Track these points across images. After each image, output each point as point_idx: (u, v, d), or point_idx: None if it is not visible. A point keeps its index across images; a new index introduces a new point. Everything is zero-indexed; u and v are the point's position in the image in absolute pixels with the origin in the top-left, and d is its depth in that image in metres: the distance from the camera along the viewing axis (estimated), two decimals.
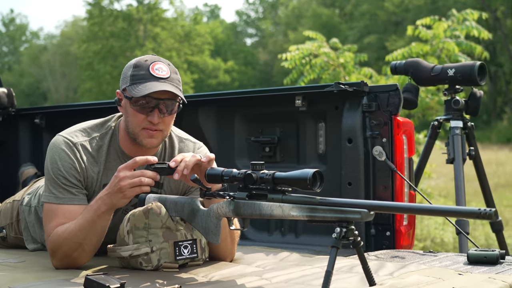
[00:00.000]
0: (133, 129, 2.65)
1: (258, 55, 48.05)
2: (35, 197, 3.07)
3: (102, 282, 2.19)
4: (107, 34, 36.17)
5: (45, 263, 2.71)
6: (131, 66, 2.63)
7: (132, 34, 36.80)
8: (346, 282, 2.30)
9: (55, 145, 2.69)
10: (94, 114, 4.08)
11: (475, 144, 3.96)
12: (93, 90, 36.18)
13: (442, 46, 6.97)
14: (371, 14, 39.34)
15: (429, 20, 7.05)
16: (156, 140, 2.66)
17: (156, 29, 37.09)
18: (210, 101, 3.83)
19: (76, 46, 40.63)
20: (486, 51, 7.02)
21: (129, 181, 2.44)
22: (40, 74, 48.29)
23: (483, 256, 2.70)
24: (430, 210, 2.02)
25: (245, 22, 56.79)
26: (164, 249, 2.55)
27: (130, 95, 2.59)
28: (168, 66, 2.64)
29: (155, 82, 2.57)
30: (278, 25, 50.71)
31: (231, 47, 49.28)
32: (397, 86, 3.21)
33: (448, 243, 8.16)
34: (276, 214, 2.29)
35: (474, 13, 7.11)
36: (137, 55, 34.58)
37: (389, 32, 37.20)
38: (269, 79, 44.36)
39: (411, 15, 35.00)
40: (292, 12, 47.33)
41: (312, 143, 3.53)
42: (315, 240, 3.43)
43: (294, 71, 7.55)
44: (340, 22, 41.60)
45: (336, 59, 7.57)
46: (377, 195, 3.26)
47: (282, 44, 43.91)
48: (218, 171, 2.43)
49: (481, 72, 3.76)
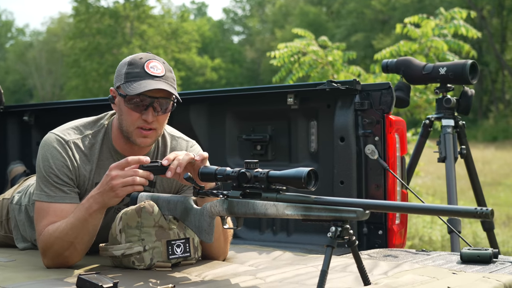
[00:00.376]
0: (127, 127, 2.62)
1: (245, 53, 48.03)
2: (25, 196, 3.03)
3: (95, 282, 2.17)
4: (93, 31, 36.03)
5: (36, 262, 2.68)
6: (126, 64, 2.61)
7: (118, 31, 36.68)
8: (341, 282, 2.29)
9: (47, 142, 2.66)
10: (83, 111, 4.06)
11: (467, 143, 3.96)
12: (80, 88, 36.05)
13: (431, 45, 6.98)
14: (358, 13, 39.42)
15: (417, 19, 7.05)
16: (150, 140, 2.64)
17: (143, 26, 37.00)
18: (201, 99, 3.80)
19: (62, 43, 40.47)
20: (473, 50, 7.04)
21: (121, 180, 2.42)
22: (26, 71, 48.03)
23: (476, 255, 2.70)
24: (427, 209, 2.01)
25: (232, 20, 56.75)
26: (157, 248, 2.53)
27: (124, 93, 2.57)
28: (163, 65, 2.62)
29: (150, 80, 2.55)
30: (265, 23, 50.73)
31: (218, 45, 49.23)
32: (389, 85, 3.20)
33: (436, 241, 8.17)
34: (271, 213, 2.27)
35: (462, 11, 7.13)
36: (124, 53, 34.75)
37: (376, 30, 37.30)
38: (256, 77, 44.37)
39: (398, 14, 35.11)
40: (279, 10, 47.35)
41: (304, 142, 3.52)
42: (307, 239, 3.41)
43: (282, 69, 7.54)
44: (327, 20, 41.67)
45: (325, 57, 7.57)
46: (369, 194, 3.25)
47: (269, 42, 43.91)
48: (211, 170, 2.41)
49: (473, 70, 3.75)
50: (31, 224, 2.98)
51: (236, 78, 44.49)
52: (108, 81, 35.22)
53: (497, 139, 26.57)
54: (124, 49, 35.45)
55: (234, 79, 44.13)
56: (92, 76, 35.46)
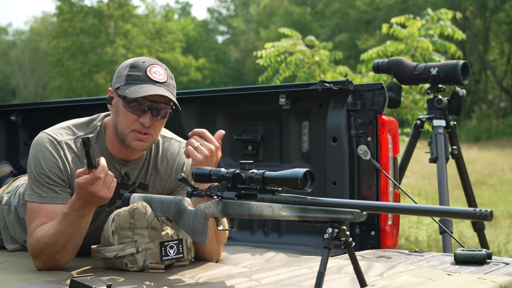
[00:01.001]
0: (122, 130, 2.58)
1: (229, 53, 48.01)
2: (14, 196, 2.99)
3: (88, 284, 2.14)
4: (77, 30, 35.89)
5: (26, 264, 2.65)
6: (128, 66, 2.57)
7: (102, 31, 36.56)
8: (337, 284, 2.27)
9: (39, 142, 2.63)
10: (71, 111, 4.03)
11: (458, 143, 3.96)
12: (63, 87, 35.91)
13: (417, 45, 6.99)
14: (342, 13, 39.52)
15: (403, 19, 7.07)
16: (145, 144, 2.61)
17: (127, 26, 36.90)
18: (192, 99, 3.77)
19: (46, 42, 40.23)
20: (459, 50, 7.06)
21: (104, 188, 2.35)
22: (9, 70, 47.72)
23: (470, 256, 2.69)
24: (425, 211, 1.99)
25: (217, 20, 56.66)
26: (150, 249, 2.50)
27: (124, 94, 2.53)
28: (165, 71, 2.59)
29: (152, 85, 2.52)
30: (250, 22, 50.73)
31: (202, 45, 49.16)
32: (382, 85, 3.19)
33: (422, 242, 8.19)
34: (266, 214, 2.25)
35: (448, 12, 7.15)
36: (108, 52, 34.61)
37: (360, 30, 37.42)
38: (240, 76, 44.36)
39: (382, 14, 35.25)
40: (263, 10, 47.38)
41: (296, 142, 3.50)
42: (299, 240, 3.40)
43: (269, 69, 7.52)
44: (312, 20, 41.73)
45: (311, 57, 7.56)
46: (361, 195, 3.24)
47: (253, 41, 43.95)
48: (205, 171, 2.38)
49: (464, 71, 3.76)
50: (20, 225, 2.94)
51: (221, 78, 44.44)
52: (92, 81, 35.09)
53: (480, 139, 26.71)
54: (108, 48, 35.34)
55: (218, 79, 44.08)
56: (75, 75, 35.32)
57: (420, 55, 7.07)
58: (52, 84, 37.93)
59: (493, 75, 33.91)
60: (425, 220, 8.93)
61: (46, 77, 42.95)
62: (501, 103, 35.69)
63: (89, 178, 2.33)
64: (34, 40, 48.25)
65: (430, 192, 11.77)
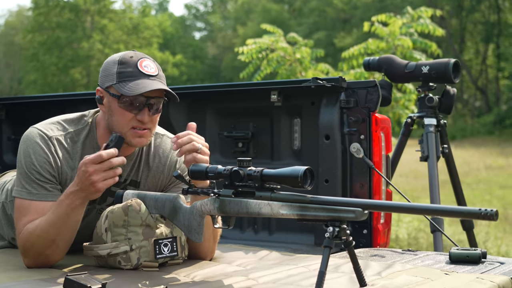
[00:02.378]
0: (120, 128, 2.52)
1: (206, 49, 47.89)
2: (2, 193, 2.92)
3: (83, 283, 2.09)
4: (53, 24, 35.59)
5: (15, 262, 2.58)
6: (116, 63, 2.50)
7: (79, 25, 36.30)
8: (336, 283, 2.25)
9: (29, 137, 2.56)
10: (57, 106, 3.96)
11: (448, 142, 3.96)
12: (38, 82, 35.60)
13: (398, 43, 7.01)
14: (319, 11, 39.63)
15: (384, 17, 7.08)
16: (145, 139, 2.56)
17: (103, 21, 36.67)
18: (181, 95, 3.71)
19: (21, 36, 39.82)
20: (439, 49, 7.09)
21: (102, 174, 2.34)
22: None
23: (465, 255, 2.67)
24: (428, 210, 1.98)
25: (194, 16, 56.48)
26: (144, 247, 2.45)
27: (119, 93, 2.47)
28: (154, 63, 2.55)
29: (147, 80, 2.47)
30: (227, 19, 50.65)
31: (179, 41, 48.95)
32: (375, 82, 3.17)
33: (402, 239, 8.22)
34: (265, 213, 2.22)
35: (428, 10, 7.18)
36: (84, 47, 34.35)
37: (338, 29, 37.54)
38: (217, 73, 44.29)
39: (359, 13, 35.41)
40: (241, 7, 47.32)
41: (287, 139, 3.47)
42: (289, 238, 3.37)
43: (250, 65, 7.49)
44: (289, 18, 41.78)
45: (293, 54, 7.54)
46: (354, 193, 3.22)
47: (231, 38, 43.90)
48: (202, 168, 2.34)
49: (456, 69, 3.75)
50: (8, 222, 2.88)
51: (197, 75, 44.31)
52: (68, 75, 34.81)
53: (456, 138, 26.93)
54: (85, 43, 35.09)
55: (195, 75, 43.95)
56: (51, 70, 35.04)
57: (400, 53, 7.09)
58: (27, 78, 37.55)
59: (469, 74, 34.19)
60: (405, 218, 8.97)
61: (21, 72, 42.51)
62: (476, 103, 36.02)
63: (93, 156, 2.33)
64: (9, 34, 47.74)
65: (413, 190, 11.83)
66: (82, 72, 35.57)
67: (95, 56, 34.98)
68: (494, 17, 34.61)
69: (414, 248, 7.64)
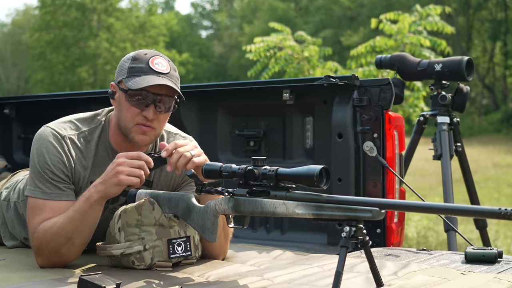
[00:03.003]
0: (126, 124, 2.51)
1: (213, 48, 47.87)
2: (14, 192, 2.91)
3: (97, 283, 2.08)
4: (59, 23, 35.62)
5: (28, 261, 2.57)
6: (129, 59, 2.50)
7: (85, 24, 36.33)
8: (352, 283, 2.22)
9: (42, 136, 2.54)
10: (67, 105, 3.95)
11: (461, 140, 3.93)
12: (45, 81, 35.67)
13: (406, 41, 6.97)
14: (326, 9, 39.55)
15: (393, 15, 7.05)
16: (148, 138, 2.53)
17: (110, 20, 36.69)
18: (192, 93, 3.70)
19: (28, 35, 39.87)
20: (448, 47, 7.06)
21: (128, 168, 2.33)
22: None
23: (481, 255, 2.65)
24: (447, 209, 1.95)
25: (200, 14, 56.46)
26: (158, 247, 2.43)
27: (126, 87, 2.46)
28: (168, 62, 2.52)
29: (154, 76, 2.45)
30: (234, 18, 50.61)
31: (186, 39, 48.97)
32: (389, 80, 3.14)
33: (412, 238, 8.19)
34: (280, 212, 2.20)
35: (437, 8, 7.15)
36: (91, 46, 34.35)
37: (344, 27, 37.46)
38: (224, 72, 44.27)
39: (365, 11, 35.32)
40: (247, 5, 47.27)
41: (299, 138, 3.45)
42: (302, 237, 3.35)
43: (258, 64, 7.46)
44: (296, 16, 41.70)
45: (301, 53, 7.51)
46: (367, 192, 3.19)
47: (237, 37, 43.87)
48: (216, 167, 2.32)
49: (469, 67, 3.72)
50: (20, 222, 2.87)
51: (204, 73, 44.31)
52: (75, 74, 34.86)
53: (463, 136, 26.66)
54: (91, 42, 35.12)
55: (202, 74, 43.95)
56: (58, 69, 35.08)
57: (409, 51, 7.05)
58: (34, 77, 37.60)
59: (476, 72, 34.06)
60: (414, 217, 8.93)
61: (28, 70, 42.55)
62: (484, 100, 35.90)
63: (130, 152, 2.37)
64: (16, 33, 47.81)
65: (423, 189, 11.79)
66: (89, 71, 35.60)
67: (102, 54, 35.02)
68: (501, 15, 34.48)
69: (424, 246, 7.61)
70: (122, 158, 2.35)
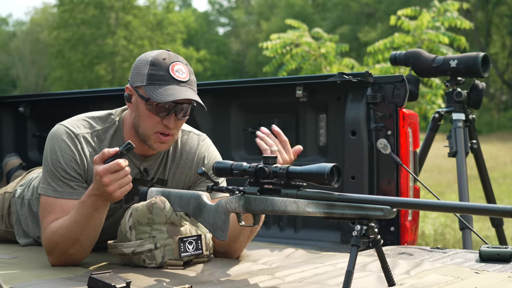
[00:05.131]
0: (145, 130, 2.50)
1: (230, 45, 47.84)
2: (28, 190, 2.92)
3: (107, 282, 2.07)
4: (78, 21, 35.74)
5: (40, 260, 2.58)
6: (148, 64, 2.46)
7: (103, 22, 36.42)
8: (364, 282, 2.20)
9: (55, 135, 2.54)
10: (80, 103, 3.96)
11: (477, 137, 3.89)
12: (64, 78, 35.79)
13: (424, 37, 6.92)
14: (343, 5, 39.38)
15: (410, 11, 7.00)
16: (166, 145, 2.56)
17: (128, 17, 36.75)
18: (206, 91, 3.69)
19: (46, 33, 40.09)
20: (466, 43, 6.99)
21: (116, 184, 2.28)
22: (9, 61, 47.52)
23: (496, 253, 2.61)
24: (459, 208, 1.92)
25: (218, 11, 56.44)
26: (169, 245, 2.43)
27: (148, 96, 2.44)
28: (186, 67, 2.50)
29: (177, 87, 2.43)
30: (251, 14, 50.54)
31: (203, 36, 48.94)
32: (403, 77, 3.11)
33: (429, 236, 8.13)
34: (291, 210, 2.18)
35: (454, 3, 7.08)
36: (109, 43, 34.46)
37: (362, 23, 37.29)
38: (241, 69, 44.24)
39: (383, 7, 35.14)
40: (265, 2, 47.17)
41: (313, 135, 3.43)
42: (315, 235, 3.33)
43: (274, 60, 7.44)
44: (313, 12, 41.56)
45: (318, 49, 7.48)
46: (381, 189, 3.17)
47: (254, 34, 43.81)
48: (227, 165, 2.31)
49: (485, 63, 3.67)
50: (33, 219, 2.87)
51: (221, 70, 44.28)
52: (93, 72, 34.98)
53: (481, 132, 26.61)
54: (109, 39, 35.21)
55: (219, 70, 43.93)
56: (76, 66, 35.21)
57: (427, 47, 7.00)
58: (53, 75, 37.77)
59: (495, 68, 33.80)
60: (432, 214, 8.86)
61: (46, 68, 42.77)
62: (503, 97, 35.61)
63: (109, 165, 2.27)
64: (34, 31, 48.05)
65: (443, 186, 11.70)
66: (107, 69, 35.70)
67: (120, 52, 35.10)
68: None
69: (441, 244, 7.55)
70: (106, 176, 2.27)
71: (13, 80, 48.87)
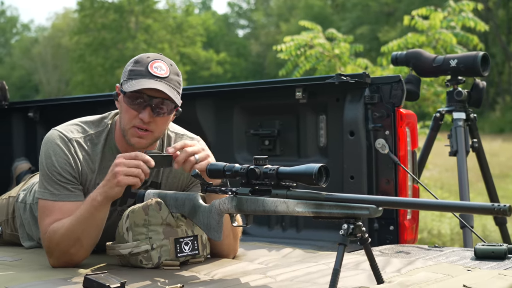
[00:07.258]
0: (124, 125, 2.56)
1: (250, 47, 47.88)
2: (30, 194, 2.99)
3: (102, 282, 2.12)
4: (98, 26, 36.00)
5: (41, 261, 2.64)
6: (132, 61, 2.56)
7: (123, 26, 36.65)
8: (353, 280, 2.24)
9: (49, 139, 2.61)
10: (89, 107, 4.01)
11: (478, 136, 3.90)
12: (85, 83, 36.05)
13: (438, 37, 6.91)
14: (363, 5, 39.25)
15: (425, 11, 6.99)
16: (145, 141, 2.56)
17: (148, 21, 36.95)
18: (208, 94, 3.75)
19: (68, 38, 40.41)
20: (481, 43, 6.97)
21: (125, 168, 2.36)
22: (32, 66, 47.98)
23: (490, 251, 2.64)
24: (441, 206, 1.95)
25: (237, 14, 56.55)
26: (165, 246, 2.48)
27: (124, 89, 2.51)
28: (169, 67, 2.54)
29: (150, 80, 2.48)
30: (270, 16, 50.55)
31: (223, 39, 49.06)
32: (400, 78, 3.14)
33: (445, 235, 8.12)
34: (281, 210, 2.22)
35: (470, 4, 7.06)
36: (129, 47, 34.67)
37: (381, 23, 37.15)
38: (261, 70, 44.25)
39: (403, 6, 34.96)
40: (284, 3, 47.18)
41: (313, 136, 3.47)
42: (317, 235, 3.37)
43: (289, 62, 7.47)
44: (332, 13, 41.49)
45: (332, 50, 7.50)
46: (380, 189, 3.20)
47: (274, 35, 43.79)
48: (219, 166, 2.36)
49: (484, 62, 3.69)
50: (35, 223, 2.94)
51: (242, 72, 44.34)
52: (114, 76, 35.22)
53: (504, 131, 26.43)
54: (129, 43, 35.44)
55: (239, 73, 44.00)
56: (97, 71, 35.46)
57: (441, 47, 6.99)
58: (75, 79, 38.07)
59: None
60: (448, 214, 8.84)
61: (68, 73, 43.10)
62: None
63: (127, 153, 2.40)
64: (56, 36, 48.45)
65: (454, 185, 11.63)
66: None
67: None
68: None
69: (457, 244, 7.53)
70: (120, 159, 2.39)
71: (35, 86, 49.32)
